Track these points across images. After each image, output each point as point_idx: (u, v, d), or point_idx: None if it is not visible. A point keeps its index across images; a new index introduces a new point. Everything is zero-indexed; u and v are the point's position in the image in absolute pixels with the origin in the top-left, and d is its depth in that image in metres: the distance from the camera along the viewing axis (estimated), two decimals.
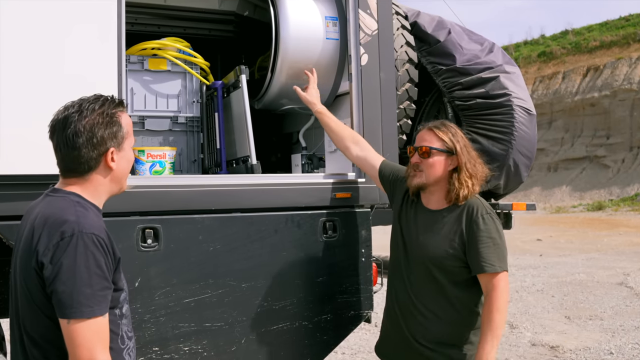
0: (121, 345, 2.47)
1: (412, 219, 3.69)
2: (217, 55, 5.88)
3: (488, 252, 3.38)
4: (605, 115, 39.44)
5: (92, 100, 2.47)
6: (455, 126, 3.67)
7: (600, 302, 11.19)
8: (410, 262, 3.62)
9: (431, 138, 3.59)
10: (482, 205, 3.52)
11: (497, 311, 3.30)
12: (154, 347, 3.74)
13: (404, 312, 3.64)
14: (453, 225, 3.51)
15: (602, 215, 32.26)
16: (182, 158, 4.94)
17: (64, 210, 2.34)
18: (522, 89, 5.19)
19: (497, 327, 3.30)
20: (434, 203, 3.63)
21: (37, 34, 3.47)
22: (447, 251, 3.47)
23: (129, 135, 2.54)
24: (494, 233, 3.43)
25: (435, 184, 3.58)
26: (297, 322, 4.15)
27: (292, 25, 4.51)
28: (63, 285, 2.21)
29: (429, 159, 3.55)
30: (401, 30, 5.12)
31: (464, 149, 3.56)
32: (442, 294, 3.50)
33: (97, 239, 2.29)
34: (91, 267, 2.24)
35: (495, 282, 3.35)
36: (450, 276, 3.49)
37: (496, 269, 3.36)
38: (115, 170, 2.49)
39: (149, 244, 3.72)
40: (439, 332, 3.51)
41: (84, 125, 2.39)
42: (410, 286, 3.60)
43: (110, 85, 3.58)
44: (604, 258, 17.05)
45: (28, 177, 3.37)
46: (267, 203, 4.10)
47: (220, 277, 3.93)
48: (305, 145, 5.13)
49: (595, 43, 43.41)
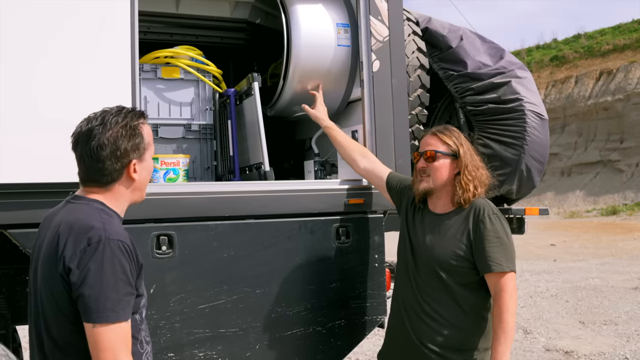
0: (140, 349, 2.52)
1: (419, 223, 3.72)
2: (229, 62, 5.90)
3: (495, 252, 3.39)
4: (619, 119, 39.21)
5: (114, 113, 2.50)
6: (458, 130, 3.72)
7: (614, 307, 11.14)
8: (418, 266, 3.64)
9: (436, 142, 3.63)
10: (488, 206, 3.54)
11: (507, 312, 3.31)
12: (169, 353, 3.77)
13: (410, 316, 3.64)
14: (460, 227, 3.53)
15: (616, 219, 32.06)
16: (195, 165, 4.96)
17: (90, 217, 2.39)
18: (534, 94, 5.18)
19: (509, 328, 3.30)
20: (440, 207, 3.66)
21: (51, 44, 3.51)
22: (454, 252, 3.48)
23: (150, 145, 2.58)
24: (501, 233, 3.45)
25: (442, 188, 3.62)
26: (311, 327, 4.17)
27: (304, 33, 4.54)
28: (90, 289, 2.25)
29: (434, 163, 3.59)
30: (412, 36, 5.13)
31: (466, 153, 3.60)
32: (450, 296, 3.51)
33: (123, 245, 2.33)
34: (117, 273, 2.28)
35: (504, 283, 3.36)
36: (457, 278, 3.49)
37: (504, 269, 3.37)
38: (137, 181, 2.54)
39: (163, 251, 3.75)
40: (447, 336, 3.50)
41: (108, 137, 2.43)
42: (418, 290, 3.61)
43: (123, 93, 3.62)
44: (618, 263, 16.95)
45: (44, 185, 3.41)
46: (280, 209, 4.13)
47: (234, 283, 3.95)
48: (317, 152, 5.15)
49: (608, 47, 43.17)
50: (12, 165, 3.37)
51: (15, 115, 3.39)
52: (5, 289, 4.04)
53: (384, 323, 4.50)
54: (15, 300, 4.07)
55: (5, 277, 4.04)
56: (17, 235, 3.48)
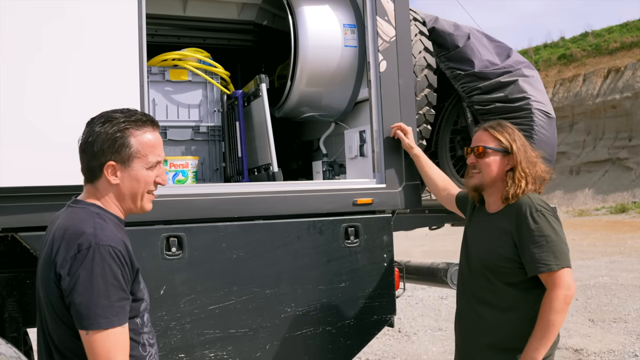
0: (143, 352, 2.50)
1: (475, 224, 3.70)
2: (237, 64, 5.93)
3: (541, 252, 3.28)
4: (627, 117, 39.07)
5: (119, 112, 2.49)
6: (512, 126, 3.66)
7: (624, 305, 11.11)
8: (471, 268, 3.62)
9: (487, 138, 3.59)
10: (531, 204, 3.42)
11: (551, 311, 3.21)
12: (179, 354, 3.79)
13: (465, 317, 3.65)
14: (504, 227, 3.46)
15: (625, 217, 31.96)
16: (204, 167, 4.99)
17: (83, 222, 2.37)
18: (541, 92, 5.18)
19: (549, 327, 3.21)
20: (492, 205, 3.61)
21: (60, 48, 3.54)
22: (499, 254, 3.42)
23: (141, 156, 2.47)
24: (546, 230, 3.33)
25: (493, 185, 3.57)
26: (321, 327, 4.18)
27: (311, 34, 4.56)
28: (80, 297, 2.24)
29: (484, 159, 3.55)
30: (419, 36, 5.14)
31: (520, 149, 3.53)
32: (498, 297, 3.45)
33: (114, 251, 2.30)
34: (108, 279, 2.26)
35: (553, 281, 3.25)
36: (505, 279, 3.43)
37: (551, 268, 3.25)
38: (120, 187, 2.48)
39: (173, 252, 3.77)
40: (495, 337, 3.45)
41: (95, 131, 2.42)
42: (470, 290, 3.61)
43: (132, 96, 3.64)
44: (627, 261, 16.91)
45: (53, 189, 3.43)
46: (289, 210, 4.14)
47: (244, 283, 3.97)
48: (325, 152, 5.17)
49: (615, 44, 43.03)
50: (22, 168, 3.39)
51: (24, 119, 3.41)
52: (16, 292, 4.06)
53: (393, 322, 4.51)
54: (26, 303, 4.08)
55: (16, 280, 4.06)
56: (27, 238, 3.50)
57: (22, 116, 3.41)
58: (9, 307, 3.99)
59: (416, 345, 8.75)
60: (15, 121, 3.39)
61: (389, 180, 4.41)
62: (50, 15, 3.52)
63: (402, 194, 4.43)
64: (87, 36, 3.61)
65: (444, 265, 5.14)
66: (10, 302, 4.02)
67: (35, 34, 3.48)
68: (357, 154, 4.59)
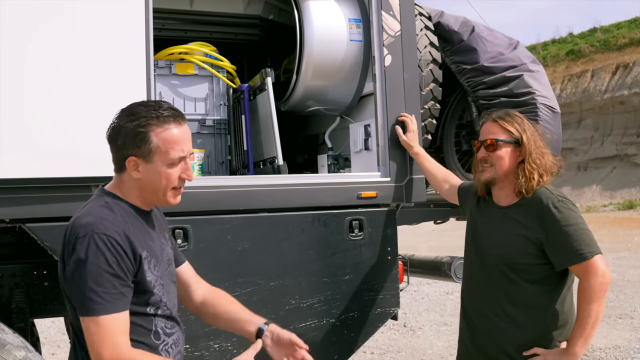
0: (156, 340, 2.53)
1: (484, 218, 3.54)
2: (243, 58, 5.96)
3: (572, 241, 3.15)
4: (635, 113, 38.94)
5: (144, 105, 2.49)
6: (521, 115, 3.50)
7: (630, 301, 11.11)
8: (485, 264, 3.46)
9: (496, 130, 3.42)
10: (551, 195, 3.29)
11: (589, 301, 3.10)
12: (184, 345, 3.81)
13: (477, 315, 3.50)
14: (521, 221, 3.32)
15: (633, 214, 31.90)
16: (210, 160, 5.01)
17: (89, 212, 2.41)
18: (546, 87, 5.18)
19: (588, 318, 3.10)
20: (504, 199, 3.46)
21: (67, 42, 3.56)
22: (521, 250, 3.28)
23: (162, 152, 2.45)
24: (572, 219, 3.20)
25: (505, 178, 3.40)
26: (325, 319, 4.21)
27: (316, 28, 4.58)
28: (75, 283, 2.30)
29: (496, 152, 3.38)
30: (424, 30, 5.15)
31: (530, 139, 3.38)
32: (519, 295, 3.32)
33: (108, 239, 2.31)
34: (101, 266, 2.28)
35: (587, 270, 3.12)
36: (525, 275, 3.30)
37: (586, 257, 3.12)
38: (142, 181, 2.49)
39: (179, 244, 3.79)
40: (514, 335, 3.32)
41: (119, 125, 2.44)
42: (485, 290, 3.46)
43: (138, 90, 3.66)
44: (634, 257, 16.90)
45: (61, 180, 3.46)
46: (294, 203, 4.17)
47: (248, 276, 4.00)
48: (331, 146, 5.19)
49: (624, 40, 42.86)
50: (29, 160, 3.42)
51: (33, 111, 3.44)
52: (24, 283, 4.10)
53: (397, 315, 4.54)
54: (33, 294, 4.12)
55: (24, 271, 4.10)
56: (34, 229, 3.53)
57: (31, 108, 3.44)
58: (17, 298, 4.03)
59: (421, 339, 8.78)
60: (23, 114, 3.42)
61: (394, 173, 4.42)
62: (57, 10, 3.54)
63: (407, 188, 4.44)
64: (94, 30, 3.63)
65: (448, 259, 5.17)
66: (18, 293, 4.05)
67: (43, 29, 3.50)
68: (362, 147, 4.60)
